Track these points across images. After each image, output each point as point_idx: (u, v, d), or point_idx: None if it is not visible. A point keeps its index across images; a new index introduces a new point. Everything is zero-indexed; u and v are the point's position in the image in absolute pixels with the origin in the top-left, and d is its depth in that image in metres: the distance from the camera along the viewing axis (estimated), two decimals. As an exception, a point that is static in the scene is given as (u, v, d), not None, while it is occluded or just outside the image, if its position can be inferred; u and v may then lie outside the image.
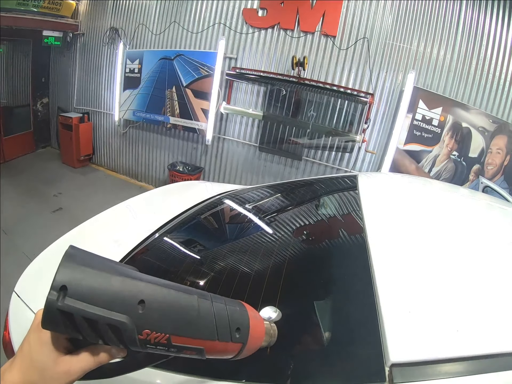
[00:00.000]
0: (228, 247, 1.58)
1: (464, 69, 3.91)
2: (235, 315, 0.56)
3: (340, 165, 4.49)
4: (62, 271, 0.42)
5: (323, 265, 1.24)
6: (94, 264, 0.45)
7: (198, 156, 5.31)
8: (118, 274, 0.46)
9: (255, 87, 4.65)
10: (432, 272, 0.92)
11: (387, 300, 0.80)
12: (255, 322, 0.59)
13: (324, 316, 0.98)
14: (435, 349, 0.67)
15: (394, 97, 4.15)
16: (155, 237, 1.60)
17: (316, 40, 4.29)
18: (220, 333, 0.52)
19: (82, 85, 6.03)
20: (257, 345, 0.60)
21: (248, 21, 4.53)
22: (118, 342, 0.45)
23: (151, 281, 0.49)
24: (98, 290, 0.43)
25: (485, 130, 3.87)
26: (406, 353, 0.67)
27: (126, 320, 0.43)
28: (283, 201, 2.04)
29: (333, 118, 4.27)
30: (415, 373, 0.64)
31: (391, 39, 4.06)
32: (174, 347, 0.48)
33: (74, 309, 0.41)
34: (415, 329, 0.72)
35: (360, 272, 0.96)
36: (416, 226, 1.21)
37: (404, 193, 1.71)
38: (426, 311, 0.77)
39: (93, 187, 5.35)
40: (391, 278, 0.89)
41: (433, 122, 3.94)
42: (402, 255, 1.01)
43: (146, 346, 0.46)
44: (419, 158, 4.06)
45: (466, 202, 1.73)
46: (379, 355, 0.68)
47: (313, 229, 1.54)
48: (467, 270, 0.94)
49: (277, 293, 1.11)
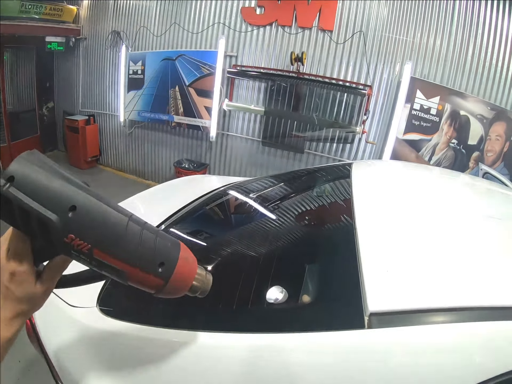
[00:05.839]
0: (228, 229, 1.79)
1: (460, 58, 3.97)
2: (163, 249, 0.55)
3: (341, 156, 4.59)
4: (14, 164, 0.46)
5: (315, 237, 1.40)
6: (46, 167, 0.48)
7: (203, 152, 5.44)
8: (63, 179, 0.49)
9: (256, 83, 4.76)
10: (410, 240, 1.07)
11: (368, 261, 0.94)
12: (185, 265, 0.58)
13: (312, 272, 1.13)
14: (407, 301, 0.80)
15: (392, 88, 4.23)
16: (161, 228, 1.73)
17: (314, 36, 4.38)
18: (142, 261, 0.52)
19: (87, 88, 6.14)
20: (182, 288, 0.59)
21: (246, 20, 4.62)
22: (46, 239, 0.48)
23: (89, 192, 0.51)
24: (38, 186, 0.46)
25: (483, 118, 3.93)
26: (383, 303, 0.80)
27: (54, 219, 0.46)
28: (278, 190, 2.16)
29: (332, 111, 4.37)
30: (390, 321, 0.76)
31: (387, 31, 4.14)
32: (95, 260, 0.50)
33: (13, 198, 0.44)
34: (391, 284, 0.85)
35: (346, 241, 1.10)
36: (402, 204, 1.36)
37: (396, 176, 1.88)
38: (401, 271, 0.90)
39: (101, 187, 5.43)
40: (373, 244, 1.04)
41: (431, 111, 4.02)
42: (385, 227, 1.15)
43: (70, 250, 0.49)
44: (419, 147, 4.14)
45: (450, 182, 1.91)
46: (359, 305, 0.80)
47: (307, 209, 1.69)
48: (444, 237, 1.08)
49: (273, 260, 1.27)
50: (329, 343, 0.79)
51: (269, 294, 1.02)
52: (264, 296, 1.02)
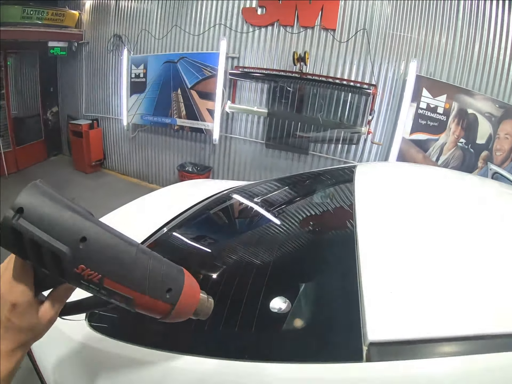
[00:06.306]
0: (230, 234, 1.74)
1: (467, 55, 3.87)
2: (169, 275, 0.57)
3: (347, 158, 4.52)
4: (23, 195, 0.46)
5: (314, 252, 1.29)
6: (53, 198, 0.49)
7: (206, 156, 5.40)
8: (71, 210, 0.49)
9: (258, 85, 4.70)
10: (418, 255, 0.95)
11: (370, 279, 0.83)
12: (189, 290, 0.60)
13: (306, 292, 1.03)
14: (412, 329, 0.68)
15: (398, 87, 4.15)
16: (163, 231, 1.70)
17: (316, 35, 4.31)
18: (151, 288, 0.54)
19: (90, 92, 6.16)
20: (187, 312, 0.61)
21: (248, 20, 4.57)
22: (56, 270, 0.48)
23: (98, 223, 0.52)
24: (48, 218, 0.47)
25: (491, 116, 3.82)
26: (385, 331, 0.69)
27: (66, 251, 0.47)
28: (281, 195, 2.10)
29: (337, 111, 4.29)
30: (393, 352, 0.66)
31: (391, 28, 4.05)
32: (105, 289, 0.51)
33: (24, 230, 0.45)
34: (395, 307, 0.74)
35: (345, 255, 1.00)
36: (409, 212, 1.23)
37: (401, 180, 1.73)
38: (408, 292, 0.78)
39: (105, 191, 5.49)
40: (376, 259, 0.93)
41: (438, 110, 3.92)
42: (389, 239, 1.04)
43: (80, 280, 0.49)
44: (426, 147, 4.05)
45: (462, 186, 1.71)
46: (357, 333, 0.70)
47: (306, 221, 1.59)
48: (455, 253, 0.95)
49: (265, 278, 1.16)
50: (319, 377, 0.69)
51: (251, 317, 0.95)
52: (249, 320, 0.95)
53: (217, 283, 1.24)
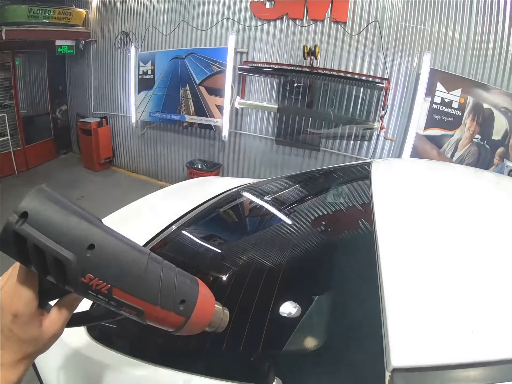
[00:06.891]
0: (240, 233, 1.70)
1: (482, 48, 3.75)
2: (183, 286, 0.54)
3: (359, 154, 4.45)
4: (27, 199, 0.44)
5: (328, 258, 1.21)
6: (59, 202, 0.47)
7: (215, 152, 5.36)
8: (78, 216, 0.47)
9: (268, 80, 4.64)
10: (446, 265, 0.84)
11: (393, 294, 0.74)
12: (204, 301, 0.57)
13: (321, 308, 0.94)
14: (444, 353, 0.60)
15: (411, 81, 4.06)
16: (172, 228, 1.67)
17: (327, 28, 4.22)
18: (163, 299, 0.51)
19: (98, 90, 6.15)
20: (201, 325, 0.57)
21: (256, 14, 4.49)
22: (62, 278, 0.46)
23: (107, 230, 0.50)
24: (54, 223, 0.44)
25: (508, 111, 3.72)
26: (411, 356, 0.61)
27: (71, 258, 0.44)
28: (292, 193, 2.05)
29: (349, 106, 4.22)
30: (420, 380, 0.59)
31: (404, 20, 3.95)
32: (114, 300, 0.48)
33: (27, 235, 0.42)
34: (422, 327, 0.65)
35: (365, 264, 0.91)
36: (429, 216, 1.11)
37: (419, 180, 1.61)
38: (437, 309, 0.70)
39: (114, 189, 5.52)
40: (399, 271, 0.83)
41: (453, 104, 3.83)
42: (412, 246, 0.94)
43: (87, 291, 0.47)
44: (441, 143, 3.96)
45: (486, 187, 1.58)
46: (379, 357, 0.63)
47: (319, 222, 1.51)
48: (488, 262, 0.84)
49: (275, 288, 1.08)
50: None
51: (268, 342, 0.89)
52: (266, 344, 0.89)
53: (230, 292, 1.16)
